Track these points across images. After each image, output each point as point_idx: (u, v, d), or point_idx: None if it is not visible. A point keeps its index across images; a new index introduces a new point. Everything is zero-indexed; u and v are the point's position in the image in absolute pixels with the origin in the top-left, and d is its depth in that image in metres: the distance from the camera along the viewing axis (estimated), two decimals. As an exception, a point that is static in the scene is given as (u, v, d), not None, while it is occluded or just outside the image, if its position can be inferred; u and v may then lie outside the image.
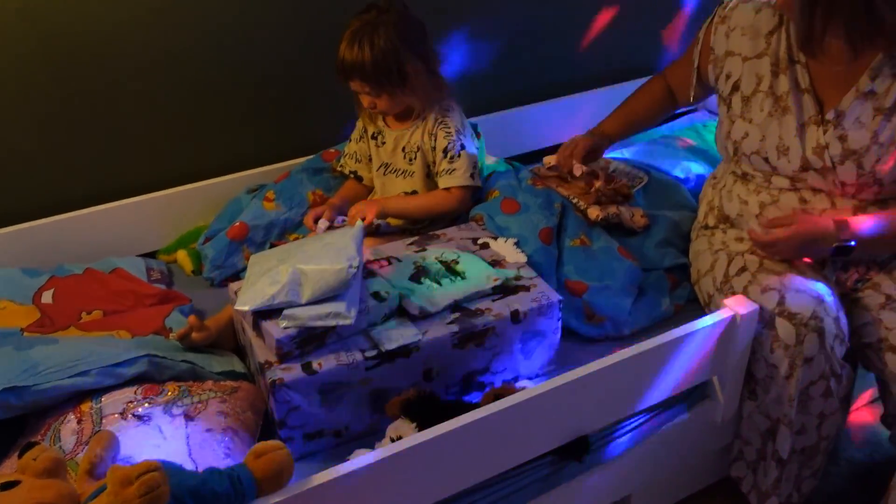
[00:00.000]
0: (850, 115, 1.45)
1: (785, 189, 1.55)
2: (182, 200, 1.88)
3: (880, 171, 1.45)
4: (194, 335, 1.44)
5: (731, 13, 1.59)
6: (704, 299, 1.65)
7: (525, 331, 1.45)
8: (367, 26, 1.61)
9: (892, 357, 1.43)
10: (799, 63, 1.50)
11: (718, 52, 1.61)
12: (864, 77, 1.44)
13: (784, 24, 1.52)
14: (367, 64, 1.60)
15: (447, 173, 1.73)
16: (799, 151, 1.49)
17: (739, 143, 1.57)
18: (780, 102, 1.51)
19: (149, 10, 1.73)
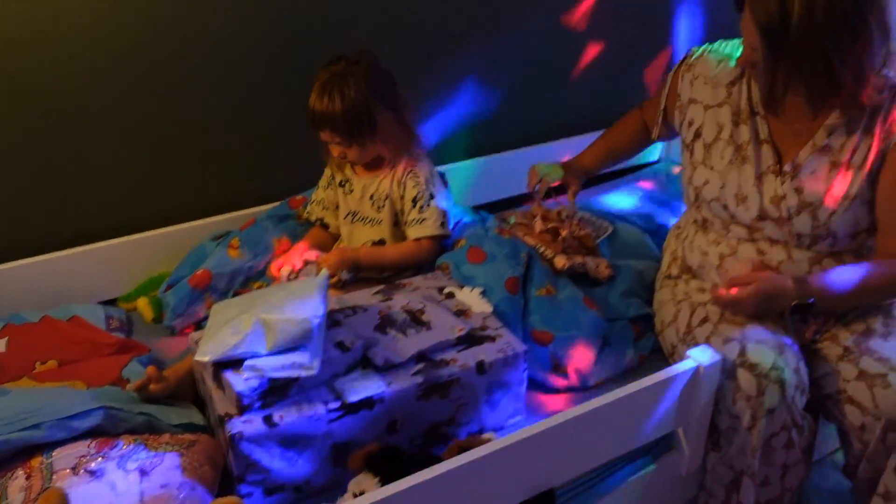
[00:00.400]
0: (806, 168, 1.49)
1: (743, 239, 1.58)
2: (144, 247, 1.85)
3: (834, 224, 1.48)
4: (152, 386, 1.40)
5: (696, 62, 1.64)
6: (668, 349, 1.66)
7: (490, 382, 1.44)
8: (337, 77, 1.62)
9: (851, 408, 1.44)
10: (759, 115, 1.55)
11: (683, 98, 1.66)
12: (821, 132, 1.48)
13: (745, 75, 1.57)
14: (338, 115, 1.61)
15: (417, 223, 1.74)
16: (757, 200, 1.53)
17: (700, 190, 1.60)
18: (740, 152, 1.55)
19: (115, 55, 1.72)
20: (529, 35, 2.22)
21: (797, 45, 1.32)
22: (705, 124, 1.61)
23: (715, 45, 1.66)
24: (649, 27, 2.46)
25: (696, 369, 1.41)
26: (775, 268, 1.54)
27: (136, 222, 1.87)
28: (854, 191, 1.46)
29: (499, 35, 2.17)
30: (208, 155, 1.92)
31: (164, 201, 1.91)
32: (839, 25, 1.30)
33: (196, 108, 1.86)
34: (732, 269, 1.58)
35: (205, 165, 1.92)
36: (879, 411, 1.40)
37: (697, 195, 1.61)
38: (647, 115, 1.84)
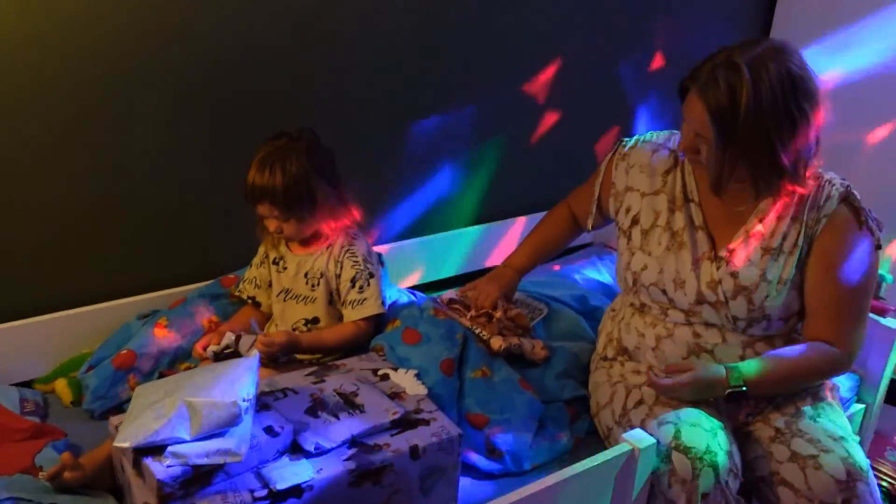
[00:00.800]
0: (740, 254, 1.55)
1: (680, 323, 1.61)
2: (65, 326, 1.78)
3: (769, 308, 1.53)
4: (66, 474, 1.33)
5: (631, 152, 1.70)
6: (604, 432, 1.65)
7: (424, 467, 1.41)
8: (279, 152, 1.63)
9: (784, 490, 1.45)
10: (693, 202, 1.61)
11: (619, 187, 1.70)
12: (752, 218, 1.55)
13: (678, 165, 1.64)
14: (279, 188, 1.61)
15: (358, 304, 1.73)
16: (694, 285, 1.57)
17: (639, 275, 1.63)
18: (676, 238, 1.60)
19: (40, 131, 1.69)
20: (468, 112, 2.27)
21: (744, 129, 1.40)
22: (643, 211, 1.65)
23: (647, 136, 1.72)
24: (603, 104, 2.56)
25: (632, 452, 1.41)
26: (710, 351, 1.58)
27: (58, 300, 1.80)
28: (785, 276, 1.52)
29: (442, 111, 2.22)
30: (137, 232, 1.87)
31: (89, 279, 1.84)
32: (781, 112, 1.39)
33: (124, 184, 1.82)
34: (669, 350, 1.61)
35: (133, 242, 1.88)
36: (812, 493, 1.41)
37: (635, 280, 1.64)
38: (576, 207, 1.87)
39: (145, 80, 1.77)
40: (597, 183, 1.78)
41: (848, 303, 1.53)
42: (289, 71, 1.93)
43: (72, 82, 1.69)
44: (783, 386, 1.55)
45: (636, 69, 2.56)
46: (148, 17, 1.72)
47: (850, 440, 1.49)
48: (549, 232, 1.93)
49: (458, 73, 2.20)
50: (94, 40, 1.68)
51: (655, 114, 2.68)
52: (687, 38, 2.61)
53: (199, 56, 1.81)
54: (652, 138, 1.71)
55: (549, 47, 2.34)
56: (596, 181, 1.78)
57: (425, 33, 2.10)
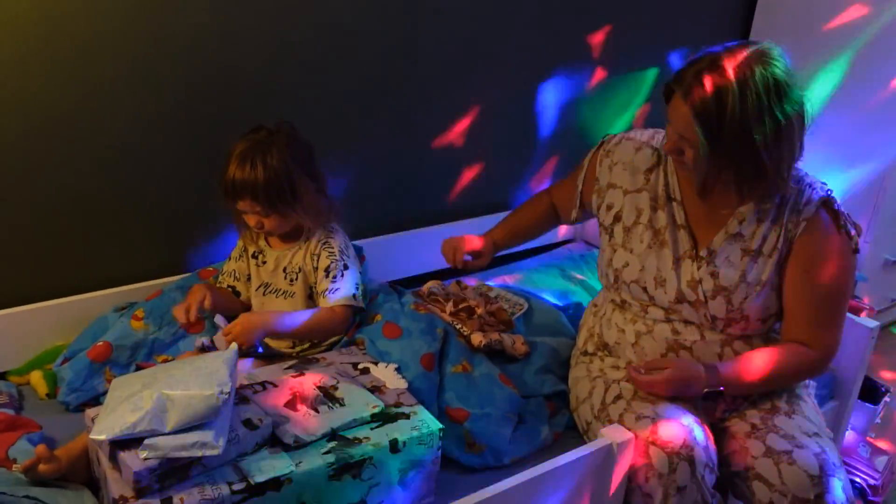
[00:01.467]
0: (721, 254, 1.56)
1: (659, 320, 1.62)
2: (40, 317, 1.76)
3: (748, 308, 1.54)
4: (41, 467, 1.31)
5: (615, 148, 1.70)
6: (583, 426, 1.66)
7: (404, 460, 1.41)
8: (259, 146, 1.61)
9: (759, 485, 1.46)
10: (675, 201, 1.61)
11: (602, 183, 1.71)
12: (733, 220, 1.56)
13: (661, 163, 1.64)
14: (260, 183, 1.59)
15: (330, 293, 1.71)
16: (675, 284, 1.57)
17: (620, 272, 1.64)
18: (658, 236, 1.61)
19: (19, 122, 1.67)
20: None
21: (730, 133, 1.39)
22: (625, 208, 1.65)
23: (630, 133, 1.73)
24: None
25: (610, 447, 1.42)
26: (689, 348, 1.59)
27: (33, 292, 1.78)
28: (764, 278, 1.53)
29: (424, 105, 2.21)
30: (114, 224, 1.85)
31: (65, 270, 1.83)
32: (766, 117, 1.39)
33: (103, 176, 1.80)
34: (648, 347, 1.62)
35: (110, 234, 1.86)
36: (786, 488, 1.43)
37: (617, 277, 1.65)
38: (557, 199, 1.87)
39: (124, 74, 1.75)
40: (579, 177, 1.78)
41: (825, 305, 1.54)
42: (267, 66, 1.92)
43: (50, 75, 1.67)
44: (759, 387, 1.56)
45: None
46: (129, 11, 1.70)
47: (823, 436, 1.51)
48: (526, 217, 1.93)
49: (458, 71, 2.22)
50: (74, 34, 1.66)
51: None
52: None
53: (179, 52, 1.79)
54: (636, 135, 1.72)
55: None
56: (579, 176, 1.78)
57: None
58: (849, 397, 1.98)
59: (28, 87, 1.65)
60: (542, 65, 2.40)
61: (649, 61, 2.64)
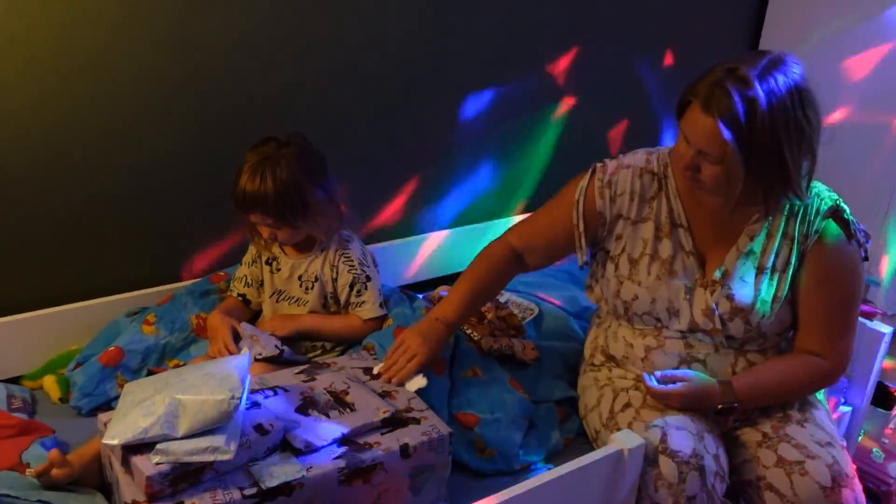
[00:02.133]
0: (734, 275, 1.54)
1: (673, 338, 1.60)
2: (54, 322, 1.77)
3: (765, 326, 1.53)
4: (54, 471, 1.31)
5: (614, 178, 1.60)
6: (592, 434, 1.66)
7: (415, 465, 1.40)
8: (269, 159, 1.61)
9: (770, 495, 1.46)
10: (682, 227, 1.58)
11: (608, 216, 1.61)
12: (743, 237, 1.54)
13: (663, 188, 1.59)
14: (270, 196, 1.59)
15: (357, 307, 1.74)
16: (688, 314, 1.56)
17: (630, 304, 1.60)
18: (665, 266, 1.57)
19: (31, 127, 1.68)
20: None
21: (760, 141, 1.35)
22: (628, 239, 1.60)
23: (625, 160, 1.63)
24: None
25: (620, 453, 1.41)
26: (702, 360, 1.57)
27: (46, 297, 1.79)
28: (780, 294, 1.52)
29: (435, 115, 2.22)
30: (126, 229, 1.86)
31: (78, 275, 1.84)
32: (792, 124, 1.36)
33: (115, 183, 1.81)
34: (660, 361, 1.59)
35: (122, 239, 1.87)
36: (798, 499, 1.42)
37: (627, 308, 1.61)
38: (526, 244, 1.69)
39: (136, 82, 1.76)
40: (575, 215, 1.61)
41: (838, 316, 1.53)
42: (285, 68, 1.93)
43: (63, 83, 1.68)
44: (774, 399, 1.55)
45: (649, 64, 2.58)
46: (138, 19, 1.71)
47: (836, 445, 1.49)
48: (485, 277, 1.68)
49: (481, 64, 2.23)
50: (87, 43, 1.68)
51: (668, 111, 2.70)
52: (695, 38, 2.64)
53: (192, 59, 1.80)
54: (632, 162, 1.61)
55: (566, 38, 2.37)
56: (572, 214, 1.62)
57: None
58: (862, 403, 1.97)
59: (41, 95, 1.67)
60: (551, 84, 2.41)
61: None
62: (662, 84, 2.64)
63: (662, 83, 2.63)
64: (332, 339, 1.76)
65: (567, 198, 1.64)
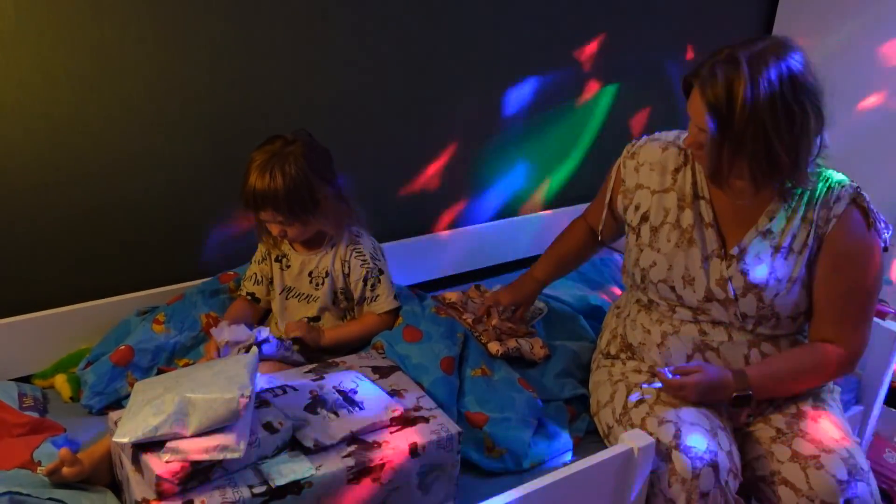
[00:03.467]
0: (751, 252, 1.54)
1: (686, 321, 1.61)
2: (65, 321, 1.77)
3: (778, 305, 1.53)
4: (65, 470, 1.32)
5: (640, 150, 1.69)
6: (604, 430, 1.65)
7: (423, 464, 1.40)
8: (277, 157, 1.62)
9: (786, 490, 1.45)
10: (703, 199, 1.60)
11: (629, 184, 1.69)
12: (763, 217, 1.55)
13: (689, 162, 1.63)
14: (280, 193, 1.60)
15: (372, 301, 1.75)
16: (703, 282, 1.56)
17: (647, 271, 1.63)
18: (685, 235, 1.59)
19: (42, 129, 1.69)
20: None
21: (741, 125, 1.39)
22: (652, 208, 1.64)
23: (656, 135, 1.72)
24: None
25: (631, 451, 1.41)
26: (716, 349, 1.57)
27: (57, 296, 1.80)
28: (795, 274, 1.52)
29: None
30: (137, 229, 1.87)
31: (89, 275, 1.84)
32: (779, 107, 1.38)
33: (124, 183, 1.82)
34: (674, 347, 1.60)
35: (133, 239, 1.88)
36: (813, 493, 1.41)
37: (644, 276, 1.64)
38: (591, 219, 1.86)
39: (145, 83, 1.77)
40: (608, 187, 1.76)
41: (854, 303, 1.53)
42: (287, 73, 1.93)
43: (72, 86, 1.69)
44: (789, 389, 1.55)
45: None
46: (146, 18, 1.72)
47: (851, 440, 1.49)
48: (567, 246, 1.91)
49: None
50: (93, 43, 1.68)
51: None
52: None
53: (200, 61, 1.81)
54: (660, 136, 1.70)
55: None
56: (607, 185, 1.77)
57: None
58: (874, 402, 1.96)
59: (51, 98, 1.68)
60: (578, 71, 2.40)
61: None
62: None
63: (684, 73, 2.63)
64: (356, 342, 1.76)
65: (609, 173, 1.78)
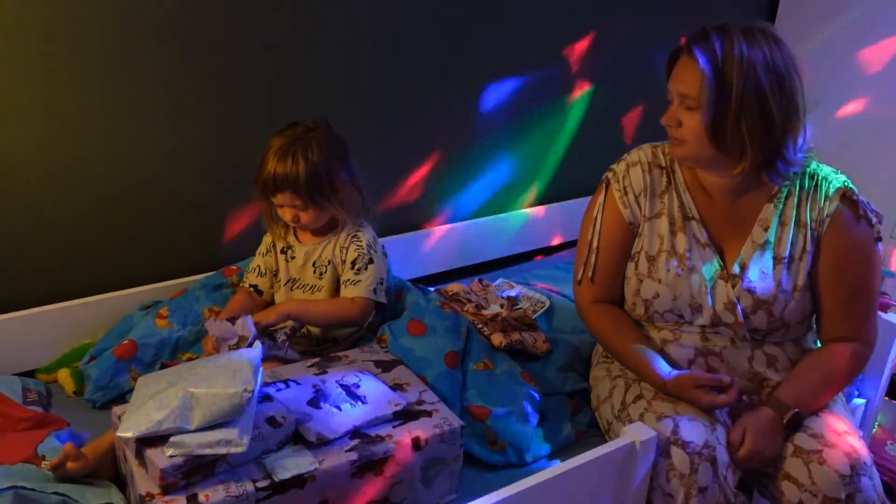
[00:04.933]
0: (753, 267, 1.53)
1: (688, 331, 1.59)
2: (68, 316, 1.78)
3: (788, 315, 1.53)
4: (69, 464, 1.33)
5: (628, 181, 1.60)
6: (604, 426, 1.65)
7: (426, 458, 1.41)
8: (298, 141, 1.63)
9: (788, 485, 1.45)
10: (693, 219, 1.57)
11: (636, 220, 1.60)
12: (757, 228, 1.53)
13: (672, 183, 1.59)
14: (302, 176, 1.61)
15: (352, 283, 1.73)
16: (710, 308, 1.54)
17: (651, 302, 1.59)
18: (683, 261, 1.56)
19: (35, 122, 1.69)
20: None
21: (739, 80, 1.38)
22: (647, 236, 1.59)
23: (630, 158, 1.62)
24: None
25: (632, 445, 1.41)
26: (718, 353, 1.56)
27: (60, 291, 1.80)
28: (800, 283, 1.52)
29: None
30: (140, 223, 1.87)
31: (92, 269, 1.85)
32: (771, 70, 1.39)
33: (127, 177, 1.82)
34: (675, 353, 1.58)
35: (136, 234, 1.88)
36: (816, 488, 1.41)
37: (648, 307, 1.59)
38: (609, 287, 1.63)
39: (148, 77, 1.77)
40: (591, 233, 1.61)
41: (861, 297, 1.53)
42: (294, 62, 1.93)
43: (77, 78, 1.69)
44: (826, 397, 1.54)
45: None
46: (152, 9, 1.72)
47: (853, 434, 1.49)
48: (631, 331, 1.62)
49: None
50: (99, 34, 1.68)
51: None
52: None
53: (202, 51, 1.81)
54: (640, 159, 1.61)
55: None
56: (588, 232, 1.62)
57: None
58: (876, 395, 1.96)
59: (53, 90, 1.68)
60: (565, 70, 2.40)
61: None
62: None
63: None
64: (322, 322, 1.73)
65: (594, 222, 1.63)
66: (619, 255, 1.61)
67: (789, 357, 1.57)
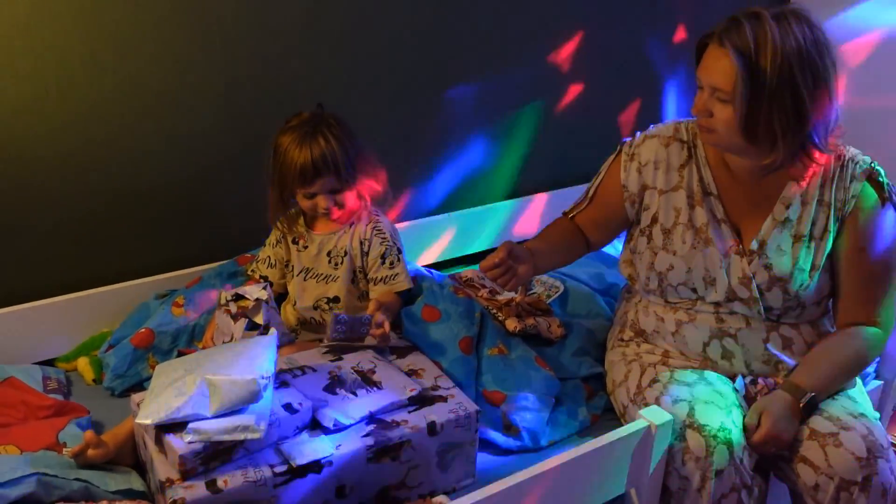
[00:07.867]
0: (771, 244, 1.52)
1: (704, 311, 1.58)
2: (86, 305, 1.80)
3: (804, 295, 1.52)
4: (90, 451, 1.34)
5: (639, 150, 1.62)
6: (620, 410, 1.65)
7: (442, 443, 1.42)
8: (313, 124, 1.61)
9: (804, 468, 1.45)
10: (713, 195, 1.56)
11: (633, 189, 1.62)
12: (779, 206, 1.52)
13: (692, 157, 1.58)
14: (338, 153, 1.59)
15: (391, 279, 1.73)
16: (725, 282, 1.54)
17: (665, 274, 1.59)
18: (700, 234, 1.55)
19: (61, 116, 1.70)
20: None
21: (771, 69, 1.36)
22: (661, 209, 1.59)
23: (651, 130, 1.64)
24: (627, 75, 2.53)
25: (648, 428, 1.41)
26: (734, 335, 1.56)
27: (78, 280, 1.82)
28: (818, 262, 1.50)
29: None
30: (156, 213, 1.88)
31: (108, 259, 1.86)
32: (805, 58, 1.36)
33: (144, 167, 1.83)
34: (690, 335, 1.58)
35: (152, 223, 1.89)
36: (833, 470, 1.41)
37: (661, 280, 1.59)
38: (582, 221, 1.72)
39: (161, 67, 1.77)
40: (594, 186, 1.69)
41: (881, 281, 1.52)
42: (304, 50, 1.93)
43: (88, 69, 1.70)
44: (842, 381, 1.53)
45: (659, 41, 2.54)
46: (162, 4, 1.72)
47: (870, 417, 1.48)
48: (556, 236, 1.71)
49: (482, 45, 2.20)
50: (113, 25, 1.69)
51: (681, 87, 2.65)
52: (709, 12, 2.58)
53: (215, 44, 1.81)
54: (659, 132, 1.62)
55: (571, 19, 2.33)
56: (603, 189, 1.67)
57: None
58: (893, 378, 1.95)
59: (68, 83, 1.68)
60: (556, 71, 2.38)
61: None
62: (673, 60, 2.59)
63: (673, 59, 2.59)
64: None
65: (599, 172, 1.69)
66: (604, 209, 1.69)
67: (805, 340, 1.57)
